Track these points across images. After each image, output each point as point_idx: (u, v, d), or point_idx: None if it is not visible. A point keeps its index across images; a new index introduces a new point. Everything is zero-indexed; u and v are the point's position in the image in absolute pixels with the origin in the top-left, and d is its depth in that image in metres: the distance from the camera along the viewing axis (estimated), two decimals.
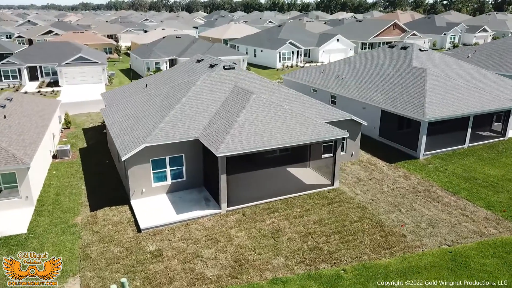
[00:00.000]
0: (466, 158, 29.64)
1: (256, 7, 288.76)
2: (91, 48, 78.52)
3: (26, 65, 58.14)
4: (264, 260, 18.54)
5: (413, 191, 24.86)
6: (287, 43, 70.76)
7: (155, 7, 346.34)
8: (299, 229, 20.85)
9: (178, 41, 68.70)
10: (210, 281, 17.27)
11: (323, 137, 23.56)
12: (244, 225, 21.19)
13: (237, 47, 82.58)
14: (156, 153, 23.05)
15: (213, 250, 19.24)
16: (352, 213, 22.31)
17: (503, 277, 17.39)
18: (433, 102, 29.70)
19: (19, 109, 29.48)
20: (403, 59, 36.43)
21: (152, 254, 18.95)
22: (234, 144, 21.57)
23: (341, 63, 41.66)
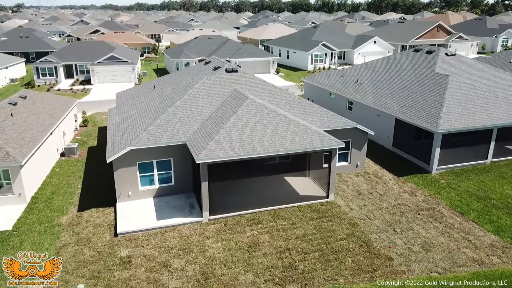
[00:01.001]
0: (485, 174, 26.98)
1: (304, 8, 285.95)
2: (129, 47, 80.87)
3: (62, 63, 60.63)
4: (232, 275, 17.63)
5: (415, 209, 22.87)
6: (320, 45, 68.91)
7: (205, 8, 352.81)
8: (279, 244, 19.71)
9: (210, 41, 68.91)
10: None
11: (315, 146, 22.20)
12: (222, 236, 20.36)
13: (271, 48, 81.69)
14: (143, 156, 22.76)
15: (184, 260, 18.58)
16: (340, 230, 20.82)
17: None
18: (450, 112, 27.30)
19: (30, 107, 30.41)
20: (426, 64, 33.96)
21: (121, 260, 18.61)
22: (216, 151, 20.79)
23: (363, 67, 39.63)
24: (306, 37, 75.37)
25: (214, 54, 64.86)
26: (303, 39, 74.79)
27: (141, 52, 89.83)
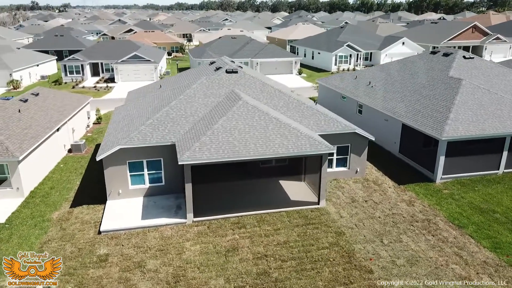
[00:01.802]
0: (494, 186, 25.32)
1: (342, 8, 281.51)
2: (158, 46, 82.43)
3: (88, 61, 62.55)
4: (204, 279, 17.38)
5: (410, 220, 21.76)
6: (345, 46, 67.42)
7: (242, 7, 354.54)
8: (258, 249, 19.27)
9: (233, 41, 68.98)
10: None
11: (303, 151, 21.56)
12: (202, 238, 20.16)
13: (297, 49, 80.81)
14: (133, 155, 22.94)
15: (159, 261, 18.53)
16: (324, 238, 20.11)
17: None
18: (458, 118, 25.81)
19: (40, 104, 31.43)
20: (441, 67, 32.34)
21: (99, 258, 18.79)
22: (201, 152, 20.62)
23: (377, 69, 38.31)
24: (331, 38, 74.00)
25: (236, 54, 64.94)
26: (328, 40, 73.47)
27: (169, 51, 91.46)
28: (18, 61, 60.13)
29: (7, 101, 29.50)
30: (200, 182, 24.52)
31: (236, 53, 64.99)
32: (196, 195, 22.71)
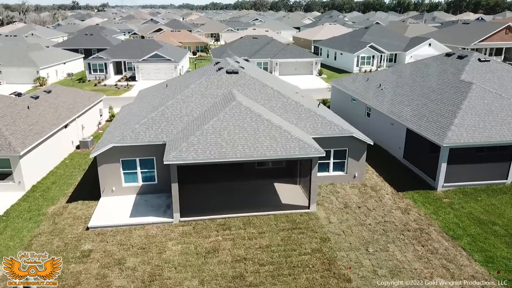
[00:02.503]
0: (499, 196, 24.03)
1: (377, 7, 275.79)
2: (183, 46, 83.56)
3: (112, 60, 64.22)
4: (178, 280, 17.41)
5: (402, 228, 20.97)
6: (367, 47, 66.00)
7: (275, 7, 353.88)
8: (238, 252, 19.11)
9: (254, 41, 68.94)
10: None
11: (292, 154, 21.20)
12: (185, 239, 20.20)
13: (320, 49, 79.82)
14: (127, 154, 23.29)
15: (139, 260, 18.71)
16: (308, 244, 19.69)
17: None
18: (463, 124, 24.67)
19: (51, 101, 32.49)
20: (453, 70, 31.01)
21: (82, 253, 19.19)
22: (187, 152, 20.66)
23: (390, 72, 37.22)
24: (355, 38, 72.61)
25: (256, 54, 64.90)
26: (351, 40, 72.12)
27: (194, 50, 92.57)
28: (45, 59, 62.47)
29: (18, 98, 30.72)
30: (193, 182, 24.75)
31: (256, 53, 64.96)
32: (187, 195, 22.92)
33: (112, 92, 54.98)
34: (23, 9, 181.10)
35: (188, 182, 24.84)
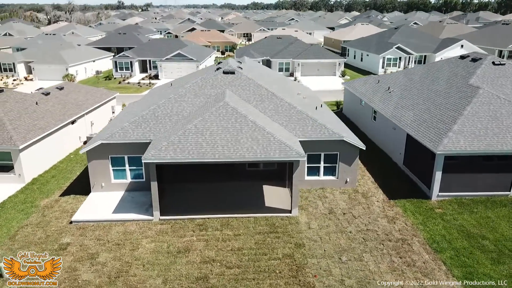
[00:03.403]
0: (498, 209, 22.54)
1: (421, 7, 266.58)
2: (212, 45, 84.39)
3: (137, 58, 65.89)
4: (143, 278, 17.58)
5: (383, 238, 20.13)
6: (394, 48, 63.90)
7: (315, 7, 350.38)
8: (208, 253, 19.04)
9: (277, 42, 68.52)
10: (77, 285, 17.20)
11: (271, 156, 20.86)
12: (161, 237, 20.37)
13: (347, 50, 78.21)
14: (115, 151, 23.80)
15: (111, 255, 19.06)
16: (281, 249, 19.31)
17: None
18: (463, 130, 23.35)
19: (61, 97, 33.76)
20: (464, 73, 29.41)
21: (60, 246, 19.78)
22: (166, 151, 20.83)
23: (401, 74, 35.85)
24: (382, 39, 70.52)
25: (278, 54, 64.50)
26: (379, 41, 70.09)
27: (222, 50, 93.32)
28: (75, 57, 65.03)
29: (28, 94, 32.09)
30: (182, 182, 24.93)
31: (278, 53, 64.56)
32: (174, 194, 23.20)
33: (133, 90, 56.40)
34: (69, 9, 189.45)
35: (178, 181, 25.10)
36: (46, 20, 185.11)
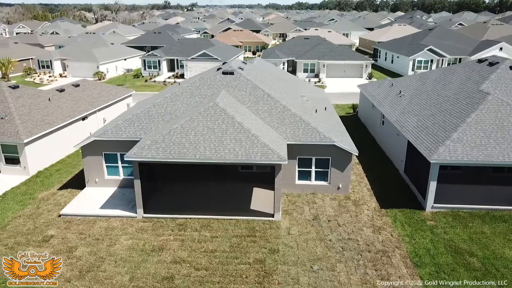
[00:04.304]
0: (495, 224, 20.99)
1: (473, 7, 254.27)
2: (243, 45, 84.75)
3: (165, 57, 67.30)
4: (111, 274, 17.86)
5: (363, 249, 19.30)
6: (425, 50, 61.30)
7: (360, 7, 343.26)
8: (181, 254, 19.06)
9: (304, 42, 67.66)
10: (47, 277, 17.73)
11: (252, 159, 20.57)
12: (139, 235, 20.63)
13: (379, 52, 75.93)
14: (108, 147, 24.38)
15: (89, 250, 19.52)
16: (254, 253, 19.00)
17: None
18: (463, 139, 21.96)
19: (75, 94, 35.04)
20: (478, 78, 27.64)
21: (43, 238, 20.50)
22: (148, 150, 21.07)
23: (416, 78, 34.27)
24: (415, 41, 67.82)
25: (304, 55, 63.69)
26: (411, 43, 67.46)
27: (254, 50, 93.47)
28: (106, 55, 67.44)
29: (43, 90, 33.56)
30: (173, 181, 25.01)
31: (304, 54, 63.74)
32: (162, 193, 23.37)
33: (158, 88, 57.60)
34: (115, 9, 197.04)
35: (170, 180, 25.22)
36: (93, 19, 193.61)
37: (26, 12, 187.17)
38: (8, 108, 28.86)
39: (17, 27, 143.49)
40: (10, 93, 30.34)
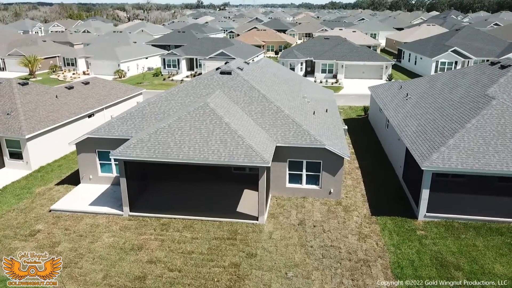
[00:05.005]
0: (490, 237, 19.77)
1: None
2: (266, 45, 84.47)
3: (184, 56, 67.93)
4: (86, 271, 18.01)
5: (343, 257, 18.63)
6: (449, 51, 58.98)
7: (395, 6, 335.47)
8: (158, 254, 19.01)
9: (324, 42, 66.56)
10: None
11: (235, 161, 20.28)
12: (122, 233, 20.75)
13: (403, 53, 73.74)
14: (102, 145, 24.69)
15: (71, 246, 19.80)
16: (231, 257, 18.70)
17: None
18: (459, 146, 20.85)
19: (84, 91, 35.80)
20: (487, 81, 26.20)
21: (30, 232, 20.96)
22: (133, 149, 21.16)
23: (425, 80, 32.93)
24: (439, 41, 65.39)
25: (323, 55, 62.70)
26: (435, 43, 65.10)
27: (276, 50, 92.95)
28: (128, 53, 68.76)
29: (52, 88, 34.46)
30: (166, 180, 25.08)
31: (322, 55, 62.73)
32: (151, 192, 23.47)
33: (135, 86, 57.88)
34: (147, 8, 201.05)
35: (163, 180, 25.29)
36: (126, 18, 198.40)
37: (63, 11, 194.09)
38: (14, 104, 29.77)
39: (51, 26, 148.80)
40: (19, 90, 31.29)
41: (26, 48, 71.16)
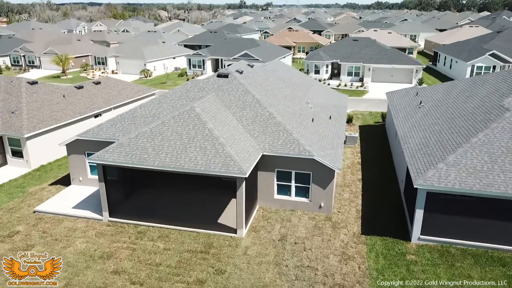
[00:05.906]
0: (491, 267, 17.49)
1: None
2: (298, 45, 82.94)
3: (209, 57, 67.62)
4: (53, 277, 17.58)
5: (318, 280, 17.10)
6: (486, 55, 54.87)
7: (444, 7, 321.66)
8: (125, 265, 18.29)
9: (352, 44, 64.03)
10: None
11: (212, 170, 19.22)
12: (96, 239, 20.24)
13: (438, 56, 69.67)
14: (90, 147, 24.35)
15: (44, 249, 19.50)
16: (199, 272, 17.67)
17: None
18: (460, 162, 18.69)
19: (94, 91, 36.00)
20: (506, 90, 23.54)
21: (10, 233, 20.93)
22: (111, 154, 20.62)
23: (444, 87, 30.35)
24: (478, 44, 61.08)
25: (349, 57, 60.35)
26: (473, 46, 60.87)
27: (307, 51, 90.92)
28: (155, 53, 69.38)
29: (61, 87, 34.86)
30: (154, 187, 24.24)
31: (349, 57, 60.32)
32: (138, 198, 22.80)
33: (148, 87, 57.78)
34: (188, 8, 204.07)
35: (147, 185, 24.56)
36: (167, 18, 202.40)
37: (107, 11, 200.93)
38: (20, 103, 30.24)
39: (94, 25, 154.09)
40: (27, 89, 31.81)
41: (61, 47, 73.54)
